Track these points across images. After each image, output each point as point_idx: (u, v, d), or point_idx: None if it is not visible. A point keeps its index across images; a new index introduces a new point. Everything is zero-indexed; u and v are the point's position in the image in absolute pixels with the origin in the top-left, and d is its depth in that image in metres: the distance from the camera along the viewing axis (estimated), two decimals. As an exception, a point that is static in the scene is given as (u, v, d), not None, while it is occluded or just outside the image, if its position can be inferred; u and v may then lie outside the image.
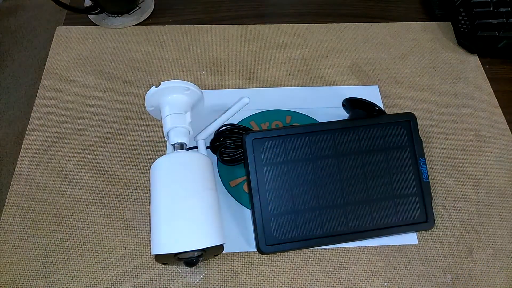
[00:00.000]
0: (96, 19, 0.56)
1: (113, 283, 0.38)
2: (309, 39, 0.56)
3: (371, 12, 0.60)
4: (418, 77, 0.53)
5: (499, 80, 0.53)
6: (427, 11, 0.60)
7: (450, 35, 0.57)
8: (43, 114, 0.48)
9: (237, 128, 0.43)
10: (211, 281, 0.38)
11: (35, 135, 0.47)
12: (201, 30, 0.56)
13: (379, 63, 0.54)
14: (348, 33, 0.57)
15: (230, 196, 0.43)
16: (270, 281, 0.39)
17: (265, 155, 0.38)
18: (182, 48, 0.54)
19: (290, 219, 0.37)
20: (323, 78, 0.52)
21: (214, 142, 0.43)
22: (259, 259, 0.40)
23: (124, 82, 0.51)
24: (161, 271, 0.39)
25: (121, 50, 0.54)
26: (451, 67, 0.54)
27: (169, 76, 0.52)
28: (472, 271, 0.39)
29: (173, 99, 0.42)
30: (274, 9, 0.59)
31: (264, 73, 0.52)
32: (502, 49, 0.54)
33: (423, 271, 0.39)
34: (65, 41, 0.54)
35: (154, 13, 0.58)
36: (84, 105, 0.49)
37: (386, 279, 0.39)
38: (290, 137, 0.38)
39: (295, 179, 0.38)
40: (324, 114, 0.48)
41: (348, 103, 0.44)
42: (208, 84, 0.51)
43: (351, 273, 0.39)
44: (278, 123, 0.47)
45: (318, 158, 0.38)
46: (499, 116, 0.49)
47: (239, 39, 0.55)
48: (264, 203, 0.37)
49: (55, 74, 0.51)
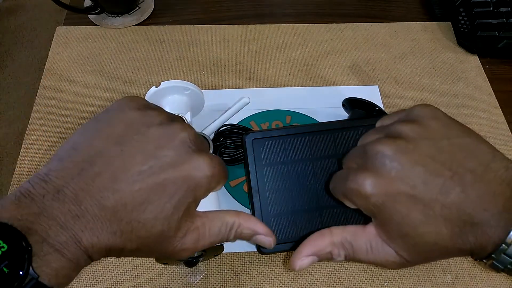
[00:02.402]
0: (96, 19, 0.56)
1: (113, 283, 0.38)
2: (309, 39, 0.56)
3: (371, 12, 0.60)
4: (418, 77, 0.53)
5: (499, 80, 0.53)
6: (427, 11, 0.60)
7: (450, 35, 0.56)
8: (43, 114, 0.48)
9: (237, 128, 0.43)
10: (211, 281, 0.38)
11: (35, 135, 0.47)
12: (201, 30, 0.56)
13: (379, 63, 0.54)
14: (348, 33, 0.57)
15: (230, 196, 0.43)
16: (270, 281, 0.39)
17: (265, 155, 0.38)
18: (182, 48, 0.54)
19: (290, 219, 0.37)
20: (323, 78, 0.52)
21: (214, 142, 0.43)
22: (259, 259, 0.40)
23: (124, 82, 0.51)
24: (161, 271, 0.39)
25: (121, 50, 0.54)
26: (451, 67, 0.54)
27: (169, 76, 0.52)
28: (472, 271, 0.39)
29: (173, 99, 0.42)
30: (274, 9, 0.59)
31: (264, 73, 0.52)
32: (502, 49, 0.54)
33: (423, 271, 0.39)
34: (65, 41, 0.54)
35: (154, 13, 0.58)
36: (84, 105, 0.49)
37: (386, 279, 0.39)
38: (290, 137, 0.38)
39: (295, 179, 0.38)
40: (324, 114, 0.48)
41: (348, 103, 0.44)
42: (208, 84, 0.51)
43: (351, 273, 0.39)
44: (278, 123, 0.47)
45: (318, 158, 0.38)
46: (499, 116, 0.49)
47: (239, 39, 0.55)
48: (264, 203, 0.37)
49: (55, 74, 0.51)
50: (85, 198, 0.23)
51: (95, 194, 0.23)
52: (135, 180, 0.24)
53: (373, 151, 0.26)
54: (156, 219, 0.24)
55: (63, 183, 0.23)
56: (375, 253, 0.27)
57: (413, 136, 0.26)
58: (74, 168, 0.24)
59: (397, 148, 0.26)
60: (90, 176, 0.24)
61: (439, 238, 0.25)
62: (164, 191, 0.24)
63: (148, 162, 0.25)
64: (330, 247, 0.28)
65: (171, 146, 0.25)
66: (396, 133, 0.27)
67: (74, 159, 0.24)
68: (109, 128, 0.26)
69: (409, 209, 0.25)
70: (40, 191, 0.23)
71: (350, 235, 0.28)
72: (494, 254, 0.24)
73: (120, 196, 0.24)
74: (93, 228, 0.23)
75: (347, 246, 0.28)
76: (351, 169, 0.29)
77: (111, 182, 0.24)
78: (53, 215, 0.22)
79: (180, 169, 0.25)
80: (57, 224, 0.22)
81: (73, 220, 0.23)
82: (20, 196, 0.23)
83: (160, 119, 0.27)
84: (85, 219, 0.23)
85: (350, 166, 0.30)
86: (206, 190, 0.26)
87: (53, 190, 0.23)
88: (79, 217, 0.23)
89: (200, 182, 0.25)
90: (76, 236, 0.22)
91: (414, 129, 0.27)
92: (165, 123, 0.26)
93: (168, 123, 0.27)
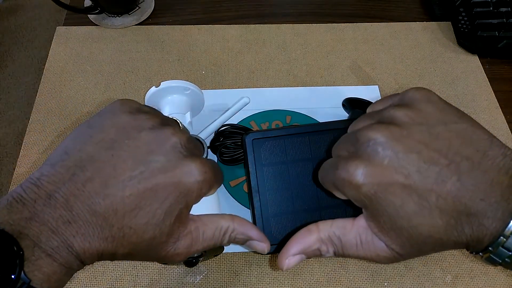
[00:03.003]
0: (96, 19, 0.56)
1: (113, 283, 0.38)
2: (309, 39, 0.56)
3: (371, 12, 0.60)
4: (418, 77, 0.53)
5: (499, 80, 0.53)
6: (427, 11, 0.60)
7: (450, 35, 0.57)
8: (43, 114, 0.48)
9: (237, 128, 0.43)
10: (211, 281, 0.38)
11: (35, 135, 0.47)
12: (201, 30, 0.56)
13: (379, 63, 0.54)
14: (348, 33, 0.57)
15: (230, 196, 0.43)
16: (270, 281, 0.39)
17: (265, 155, 0.38)
18: (182, 48, 0.54)
19: (290, 219, 0.37)
20: (323, 78, 0.52)
21: (214, 142, 0.43)
22: (259, 259, 0.40)
23: (124, 82, 0.51)
24: (161, 271, 0.39)
25: (121, 50, 0.54)
26: (451, 67, 0.54)
27: (169, 76, 0.52)
28: (472, 271, 0.39)
29: (173, 99, 0.42)
30: (274, 9, 0.59)
31: (264, 73, 0.52)
32: (502, 49, 0.54)
33: (423, 271, 0.39)
34: (65, 41, 0.54)
35: (154, 13, 0.58)
36: (84, 105, 0.49)
37: (386, 279, 0.39)
38: (290, 137, 0.38)
39: (295, 179, 0.38)
40: (324, 114, 0.48)
41: (348, 103, 0.44)
42: (208, 84, 0.51)
43: (351, 273, 0.39)
44: (278, 123, 0.47)
45: (318, 158, 0.38)
46: (499, 116, 0.49)
47: (239, 39, 0.55)
48: (264, 203, 0.37)
49: (55, 74, 0.51)
50: (76, 203, 0.23)
51: (86, 199, 0.23)
52: (125, 186, 0.24)
53: (364, 138, 0.25)
54: (147, 225, 0.24)
55: (54, 188, 0.23)
56: (365, 247, 0.26)
57: (407, 121, 0.25)
58: (65, 173, 0.24)
59: (390, 134, 0.24)
60: (81, 181, 0.23)
61: (434, 231, 0.23)
62: (155, 196, 0.24)
63: (139, 167, 0.24)
64: (317, 244, 0.27)
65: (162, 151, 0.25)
66: (388, 118, 0.26)
67: (66, 164, 0.24)
68: (100, 133, 0.26)
69: (403, 200, 0.23)
70: (32, 196, 0.23)
71: (339, 229, 0.26)
72: (491, 247, 0.23)
73: (111, 201, 0.23)
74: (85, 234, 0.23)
75: (335, 242, 0.26)
76: (341, 157, 0.27)
77: (101, 187, 0.23)
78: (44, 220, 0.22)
79: (170, 175, 0.25)
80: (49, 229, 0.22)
81: (64, 225, 0.22)
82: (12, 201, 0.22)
83: (152, 123, 0.26)
84: (77, 225, 0.23)
85: (340, 154, 0.28)
86: (198, 195, 0.26)
87: (45, 195, 0.23)
88: (71, 222, 0.23)
89: (191, 188, 0.25)
90: (67, 241, 0.22)
91: (408, 114, 0.25)
92: (156, 127, 0.26)
93: (160, 127, 0.26)
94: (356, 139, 0.26)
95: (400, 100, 0.28)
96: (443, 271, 0.39)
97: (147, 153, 0.25)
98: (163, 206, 0.24)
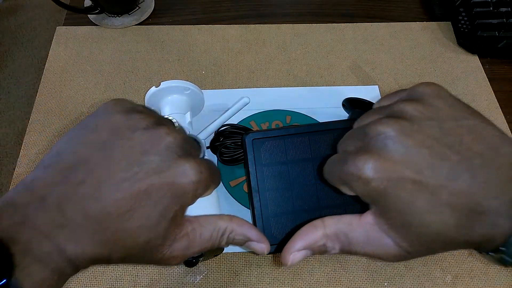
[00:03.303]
0: (96, 19, 0.56)
1: (113, 283, 0.38)
2: (309, 39, 0.56)
3: (371, 12, 0.60)
4: (418, 77, 0.53)
5: (499, 80, 0.53)
6: (427, 11, 0.60)
7: (450, 35, 0.56)
8: (43, 114, 0.48)
9: (237, 128, 0.43)
10: (211, 281, 0.38)
11: (35, 135, 0.47)
12: (201, 30, 0.56)
13: (379, 63, 0.54)
14: (348, 33, 0.57)
15: (230, 196, 0.43)
16: (270, 281, 0.39)
17: (265, 155, 0.38)
18: (182, 48, 0.54)
19: (290, 219, 0.37)
20: (323, 78, 0.52)
21: (214, 142, 0.43)
22: (259, 259, 0.40)
23: (124, 82, 0.51)
24: (161, 271, 0.39)
25: (121, 50, 0.54)
26: (451, 67, 0.54)
27: (169, 76, 0.52)
28: (472, 271, 0.39)
29: (173, 99, 0.42)
30: (274, 9, 0.59)
31: (264, 73, 0.52)
32: (502, 49, 0.54)
33: (423, 271, 0.39)
34: (65, 41, 0.54)
35: (154, 13, 0.58)
36: (84, 105, 0.49)
37: (386, 279, 0.39)
38: (290, 137, 0.38)
39: (295, 179, 0.38)
40: (324, 114, 0.48)
41: (348, 103, 0.44)
42: (208, 84, 0.51)
43: (351, 273, 0.39)
44: (278, 123, 0.47)
45: (318, 158, 0.38)
46: (499, 116, 0.49)
47: (239, 39, 0.55)
48: (264, 203, 0.37)
49: (55, 74, 0.51)
50: (68, 206, 0.22)
51: (79, 202, 0.22)
52: (118, 188, 0.23)
53: (374, 132, 0.24)
54: (141, 228, 0.23)
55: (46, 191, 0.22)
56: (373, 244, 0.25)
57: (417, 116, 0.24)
58: (58, 176, 0.23)
59: (401, 128, 0.23)
60: (73, 183, 0.23)
61: (444, 229, 0.22)
62: (148, 198, 0.23)
63: (132, 168, 0.24)
64: (323, 240, 0.26)
65: (156, 151, 0.24)
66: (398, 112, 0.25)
67: (59, 166, 0.24)
68: (93, 134, 0.25)
69: (414, 196, 0.23)
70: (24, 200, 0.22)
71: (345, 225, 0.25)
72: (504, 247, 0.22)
73: (104, 204, 0.23)
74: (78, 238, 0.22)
75: (342, 238, 0.25)
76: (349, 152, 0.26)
77: (94, 190, 0.23)
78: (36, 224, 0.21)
79: (165, 176, 0.24)
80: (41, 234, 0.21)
81: (56, 229, 0.22)
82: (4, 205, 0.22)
83: (146, 122, 0.26)
84: (69, 229, 0.22)
85: (347, 149, 0.27)
86: (194, 196, 0.25)
87: (37, 199, 0.22)
88: (63, 226, 0.22)
89: (186, 189, 0.24)
90: (60, 246, 0.22)
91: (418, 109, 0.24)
92: (151, 127, 0.25)
93: (154, 127, 0.26)
94: (365, 133, 0.25)
95: (409, 95, 0.27)
96: (443, 271, 0.39)
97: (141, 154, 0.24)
98: (157, 208, 0.24)
